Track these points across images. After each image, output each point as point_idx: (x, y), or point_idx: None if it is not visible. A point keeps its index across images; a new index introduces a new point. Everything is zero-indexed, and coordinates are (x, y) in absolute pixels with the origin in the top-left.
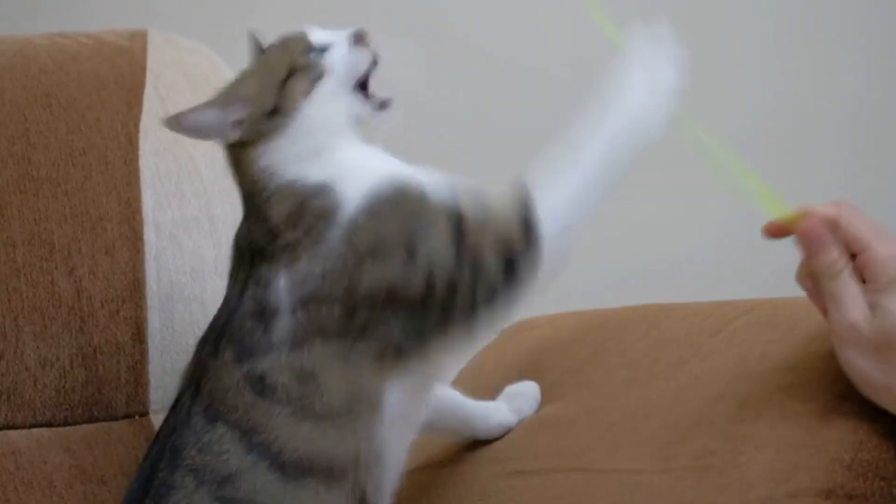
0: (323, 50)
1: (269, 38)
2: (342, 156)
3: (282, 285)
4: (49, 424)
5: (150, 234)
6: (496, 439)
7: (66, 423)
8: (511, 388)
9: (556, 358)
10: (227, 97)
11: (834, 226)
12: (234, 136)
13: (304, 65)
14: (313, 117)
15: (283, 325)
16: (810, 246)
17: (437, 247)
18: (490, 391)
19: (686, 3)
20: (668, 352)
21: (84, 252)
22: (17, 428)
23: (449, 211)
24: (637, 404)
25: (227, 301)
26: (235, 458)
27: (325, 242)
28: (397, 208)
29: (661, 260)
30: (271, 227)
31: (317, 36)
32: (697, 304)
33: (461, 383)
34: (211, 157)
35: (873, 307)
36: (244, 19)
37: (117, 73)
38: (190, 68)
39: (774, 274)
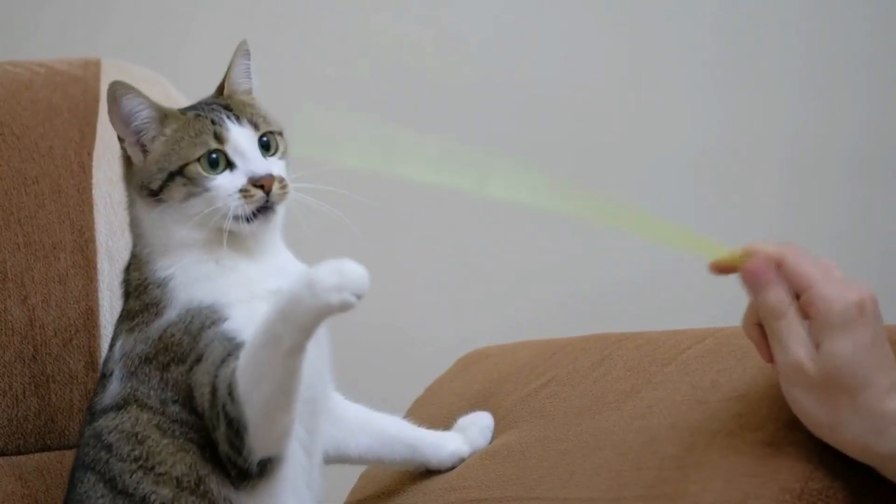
0: (227, 164)
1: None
2: (189, 261)
3: (117, 349)
4: (1, 453)
5: (103, 263)
6: (449, 469)
7: (18, 452)
8: (464, 419)
9: (509, 387)
10: (163, 120)
11: (778, 265)
12: (133, 152)
13: (192, 176)
14: (176, 226)
15: (112, 389)
16: (755, 284)
17: (202, 377)
18: (444, 421)
19: (625, 34)
20: (621, 381)
21: (37, 281)
22: None
23: (228, 344)
24: (590, 433)
25: None
26: (110, 502)
27: (149, 329)
28: (197, 321)
29: (613, 288)
30: (129, 282)
31: (232, 143)
32: (650, 332)
33: (414, 414)
34: None
35: (818, 346)
36: (197, 47)
37: (70, 102)
38: None
39: (727, 301)
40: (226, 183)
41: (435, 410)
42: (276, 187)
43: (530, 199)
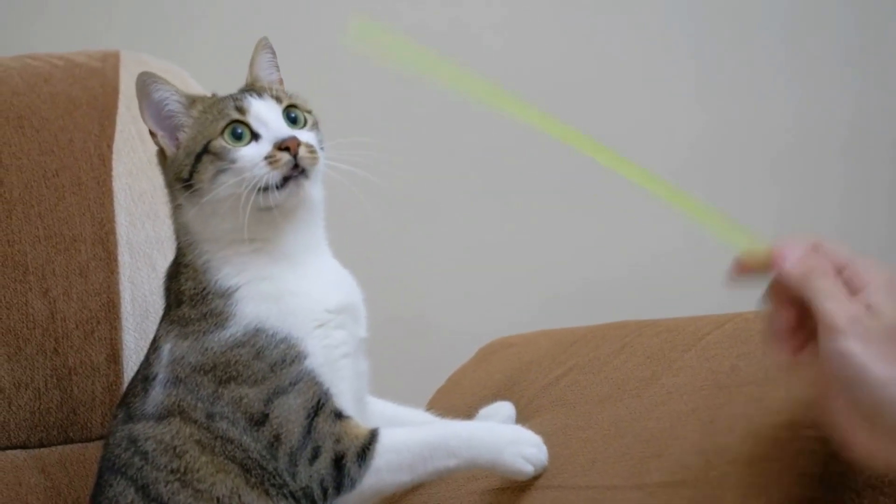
0: (252, 136)
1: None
2: (251, 276)
3: (165, 354)
4: (24, 446)
5: (124, 255)
6: None
7: (41, 445)
8: (486, 410)
9: (531, 376)
10: (191, 105)
11: (814, 247)
12: (166, 143)
13: (217, 150)
14: (215, 219)
15: (155, 395)
16: (788, 255)
17: (290, 413)
18: (466, 411)
19: (619, 31)
20: (642, 368)
21: (58, 273)
22: None
23: (317, 389)
24: (611, 420)
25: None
26: None
27: (208, 340)
28: (273, 352)
29: (629, 275)
30: (180, 290)
31: (254, 113)
32: (670, 319)
33: (437, 403)
34: None
35: (868, 308)
36: (212, 37)
37: (90, 95)
38: None
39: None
40: (251, 152)
41: (457, 400)
42: (303, 150)
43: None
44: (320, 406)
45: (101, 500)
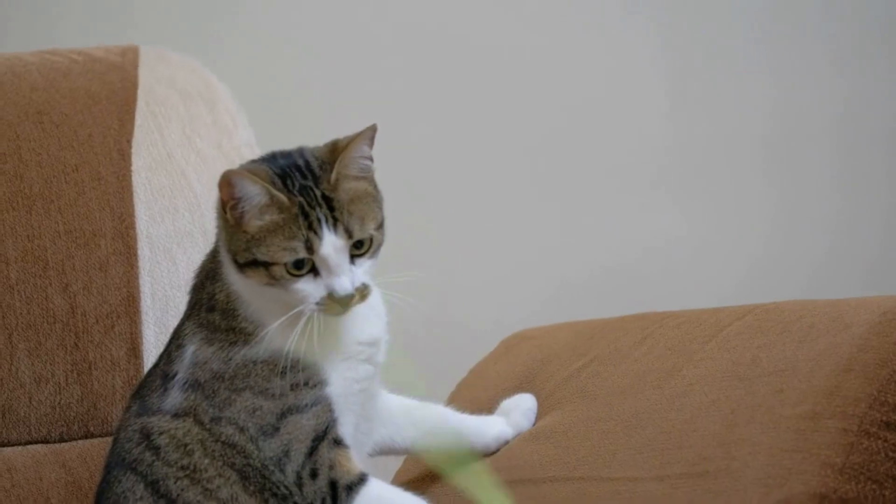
0: (312, 267)
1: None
2: (283, 318)
3: (188, 355)
4: (44, 441)
5: (143, 250)
6: (494, 452)
7: (61, 440)
8: (507, 403)
9: (551, 369)
10: (268, 205)
11: None
12: (231, 214)
13: (276, 275)
14: (257, 292)
15: (174, 397)
16: None
17: (300, 433)
18: (488, 404)
19: (606, 29)
20: (663, 360)
21: (78, 268)
22: (12, 445)
23: (328, 416)
24: (632, 412)
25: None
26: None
27: (233, 351)
28: (298, 375)
29: (638, 265)
30: (214, 297)
31: (322, 254)
32: (691, 311)
33: (459, 396)
34: (203, 173)
35: None
36: (234, 32)
37: (109, 90)
38: (181, 83)
39: (740, 278)
40: (306, 288)
41: (479, 393)
42: (356, 298)
43: None
44: (326, 431)
45: (109, 496)
